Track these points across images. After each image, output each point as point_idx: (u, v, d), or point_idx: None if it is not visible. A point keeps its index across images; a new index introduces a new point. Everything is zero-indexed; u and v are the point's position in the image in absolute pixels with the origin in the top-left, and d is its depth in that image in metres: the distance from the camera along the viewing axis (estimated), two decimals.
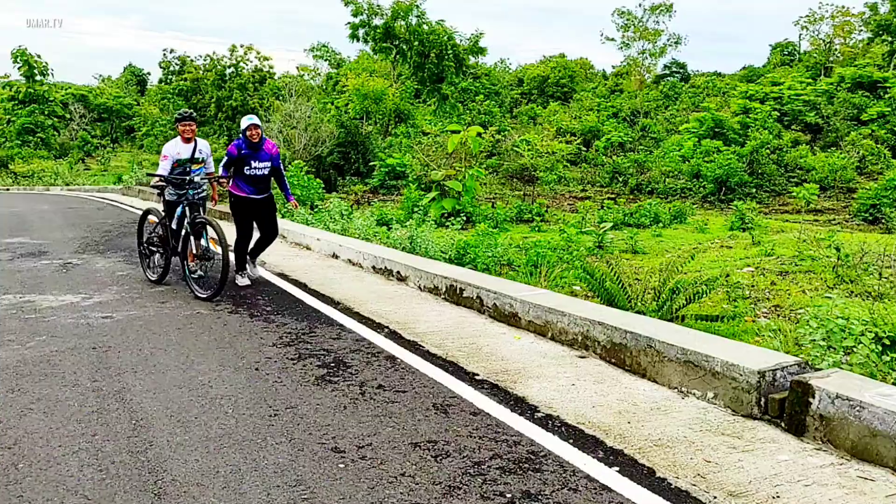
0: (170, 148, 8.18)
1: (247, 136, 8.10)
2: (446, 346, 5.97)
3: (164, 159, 8.10)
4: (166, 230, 8.26)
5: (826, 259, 10.02)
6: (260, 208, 8.52)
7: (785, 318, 7.48)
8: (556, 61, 77.85)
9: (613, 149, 32.98)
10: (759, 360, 4.64)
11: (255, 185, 8.35)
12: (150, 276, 8.77)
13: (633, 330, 5.41)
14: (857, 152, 23.66)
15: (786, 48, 74.36)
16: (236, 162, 8.19)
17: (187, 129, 8.12)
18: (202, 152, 8.34)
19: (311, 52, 69.64)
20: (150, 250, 8.82)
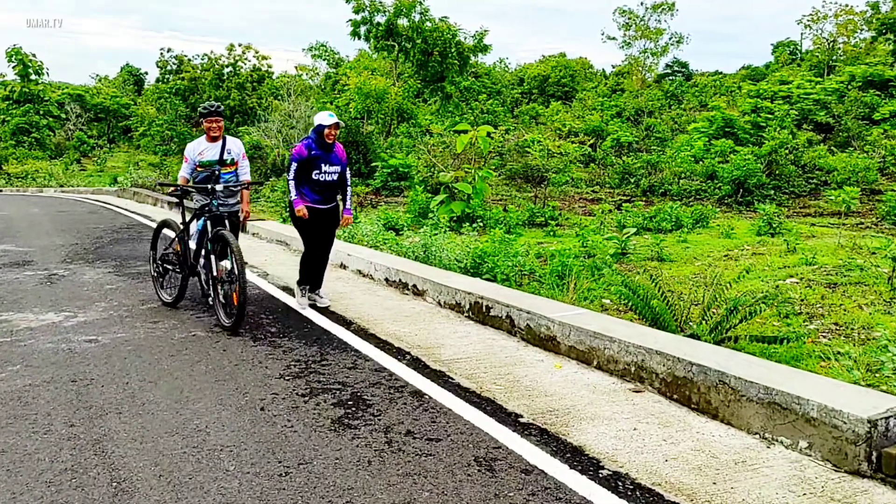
0: (192, 148, 7.10)
1: (321, 135, 6.88)
2: (479, 378, 5.20)
3: (184, 162, 7.17)
4: (184, 246, 7.17)
5: (875, 269, 9.26)
6: (323, 221, 7.19)
7: (849, 338, 6.72)
8: (557, 60, 77.19)
9: (620, 149, 32.21)
10: (865, 404, 3.87)
11: (323, 192, 7.08)
12: (163, 298, 7.54)
13: (700, 362, 4.64)
14: (878, 152, 22.91)
15: (787, 47, 73.67)
16: (304, 165, 6.96)
17: (213, 126, 6.98)
18: (232, 153, 7.17)
19: (310, 52, 68.65)
20: (164, 269, 7.60)
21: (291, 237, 11.76)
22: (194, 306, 7.45)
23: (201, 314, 7.11)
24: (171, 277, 7.66)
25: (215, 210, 6.79)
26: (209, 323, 6.73)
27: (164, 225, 7.78)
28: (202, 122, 7.01)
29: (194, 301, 7.69)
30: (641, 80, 69.58)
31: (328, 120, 6.88)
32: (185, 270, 7.16)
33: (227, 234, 6.48)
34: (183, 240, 7.16)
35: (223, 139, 7.10)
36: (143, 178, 28.65)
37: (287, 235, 12.01)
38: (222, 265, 6.51)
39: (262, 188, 24.78)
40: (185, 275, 7.20)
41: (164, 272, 7.64)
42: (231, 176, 7.18)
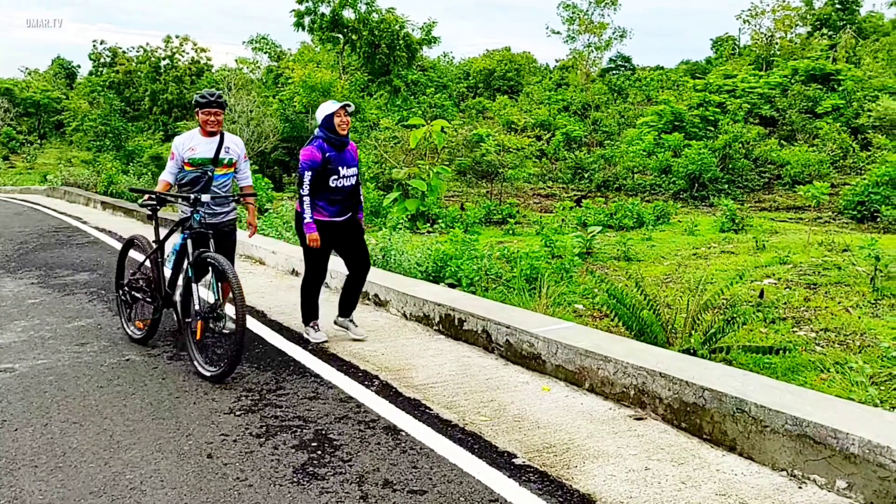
0: (181, 142, 5.73)
1: (332, 129, 5.54)
2: (460, 407, 4.57)
3: (171, 159, 5.76)
4: (158, 270, 5.76)
5: (853, 267, 8.96)
6: (342, 235, 5.86)
7: (843, 346, 6.31)
8: (502, 55, 77.02)
9: (569, 143, 31.97)
10: None
11: (340, 202, 5.73)
12: (131, 333, 6.04)
13: (713, 387, 4.11)
14: (826, 145, 23.05)
15: (727, 42, 74.87)
16: (320, 172, 5.57)
17: (211, 119, 5.63)
18: (231, 152, 5.82)
19: (250, 45, 66.89)
20: (132, 296, 6.06)
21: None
22: None
23: None
24: (141, 308, 6.18)
25: (197, 225, 5.35)
26: (146, 347, 5.94)
27: (132, 243, 6.25)
28: (197, 112, 5.72)
29: None
30: (586, 74, 69.88)
31: (334, 106, 5.58)
32: (159, 301, 5.71)
33: (215, 259, 5.06)
34: (157, 262, 5.78)
35: (221, 135, 5.77)
36: (75, 175, 27.15)
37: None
38: (205, 297, 5.32)
39: None
40: (159, 306, 5.72)
41: (133, 301, 6.08)
42: (226, 179, 5.85)
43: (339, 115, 5.57)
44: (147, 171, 28.95)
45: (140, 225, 15.27)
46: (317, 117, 5.68)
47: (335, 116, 5.56)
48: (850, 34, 59.21)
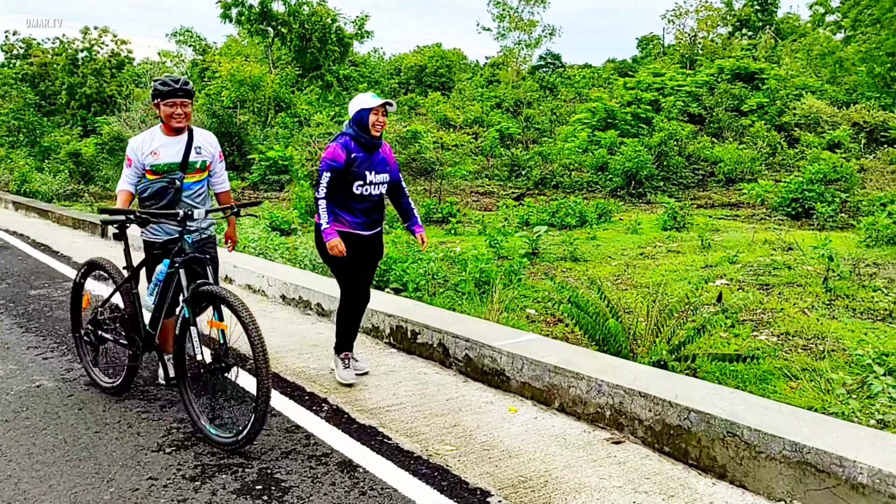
0: (137, 146, 4.48)
1: (365, 128, 4.64)
2: (421, 434, 4.12)
3: (127, 166, 4.53)
4: (134, 304, 4.53)
5: (803, 267, 8.87)
6: (367, 251, 4.90)
7: (807, 350, 6.12)
8: (433, 51, 76.76)
9: (503, 139, 31.81)
10: None
11: (367, 212, 4.81)
12: (100, 381, 4.78)
13: (699, 408, 3.77)
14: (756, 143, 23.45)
15: (651, 41, 76.38)
16: (341, 175, 4.66)
17: (177, 113, 4.42)
18: (203, 152, 4.63)
19: (174, 37, 64.65)
20: (98, 336, 4.81)
21: None
22: (41, 343, 5.95)
23: (49, 353, 5.63)
24: (112, 351, 5.16)
25: (190, 250, 4.20)
26: (62, 365, 5.28)
27: (92, 269, 4.97)
28: (158, 104, 4.43)
29: (42, 335, 6.18)
30: (517, 71, 70.24)
31: (373, 101, 4.64)
32: (137, 342, 4.51)
33: (219, 293, 3.96)
34: (130, 294, 4.55)
35: (189, 131, 4.56)
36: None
37: None
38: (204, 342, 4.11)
39: None
40: (138, 350, 4.51)
41: (100, 342, 4.85)
42: (200, 187, 4.64)
43: (377, 112, 4.62)
44: (64, 167, 27.44)
45: (62, 231, 14.27)
46: (349, 110, 4.73)
47: (371, 114, 4.60)
48: (770, 35, 61.09)
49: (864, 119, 25.59)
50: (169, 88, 4.39)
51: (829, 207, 14.27)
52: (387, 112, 4.70)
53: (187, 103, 4.47)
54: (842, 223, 14.20)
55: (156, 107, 4.49)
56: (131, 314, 4.53)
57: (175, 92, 4.40)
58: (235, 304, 3.80)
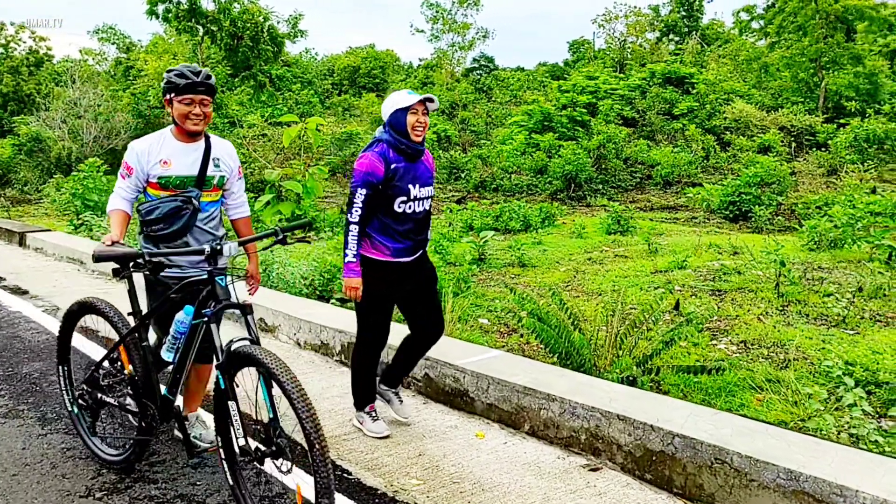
0: (143, 150, 3.50)
1: (404, 131, 3.82)
2: (385, 467, 3.77)
3: (124, 176, 3.54)
4: (145, 360, 3.51)
5: (752, 272, 8.85)
6: (410, 279, 4.05)
7: (768, 359, 6.01)
8: (367, 52, 76.22)
9: (440, 142, 31.60)
10: None
11: (410, 234, 3.97)
12: (102, 454, 3.75)
13: (684, 432, 3.54)
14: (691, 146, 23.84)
15: (582, 45, 77.56)
16: (380, 191, 3.85)
17: (194, 112, 3.47)
18: (222, 165, 3.69)
19: (96, 35, 62.24)
20: (97, 399, 3.78)
21: (84, 252, 9.52)
22: None
23: None
24: (113, 417, 4.17)
25: (224, 296, 3.21)
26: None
27: (82, 314, 3.90)
28: (171, 100, 3.46)
29: None
30: (450, 73, 70.30)
31: (410, 98, 3.81)
32: (151, 411, 3.47)
33: (260, 356, 2.91)
34: (140, 347, 3.52)
35: (206, 139, 3.64)
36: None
37: (85, 253, 9.75)
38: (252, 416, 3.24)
39: (45, 186, 21.35)
40: (152, 420, 3.48)
41: (99, 405, 3.80)
42: (214, 209, 3.70)
43: (416, 111, 3.81)
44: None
45: None
46: (383, 112, 3.92)
47: (409, 113, 3.79)
48: (696, 40, 62.74)
49: (792, 123, 26.35)
50: (187, 81, 3.41)
51: (766, 210, 14.47)
52: (427, 110, 3.88)
53: (208, 101, 3.50)
54: (779, 226, 14.43)
55: (167, 104, 3.51)
56: (143, 375, 3.50)
57: (194, 86, 3.43)
58: (280, 373, 2.81)
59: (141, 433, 3.55)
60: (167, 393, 3.42)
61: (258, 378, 2.96)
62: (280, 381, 2.80)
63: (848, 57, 34.23)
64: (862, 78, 32.91)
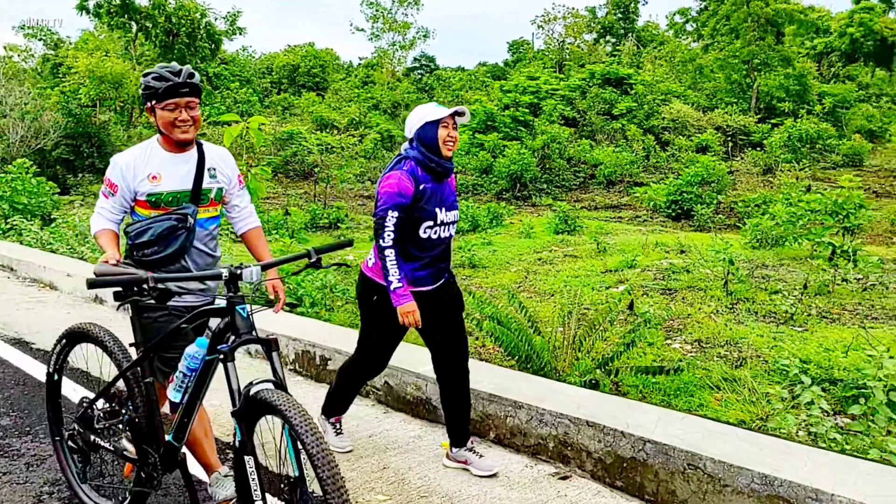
0: (127, 165, 3.10)
1: (434, 147, 3.45)
2: (348, 482, 3.60)
3: (107, 195, 3.14)
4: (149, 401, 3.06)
5: (700, 270, 8.96)
6: (433, 310, 3.66)
7: (723, 358, 6.05)
8: (306, 51, 75.36)
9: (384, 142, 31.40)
10: None
11: (435, 262, 3.64)
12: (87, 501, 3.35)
13: (655, 438, 3.48)
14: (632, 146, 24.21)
15: (522, 46, 78.27)
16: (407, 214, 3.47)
17: (181, 118, 3.05)
18: (219, 175, 3.27)
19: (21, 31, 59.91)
20: (90, 442, 3.29)
21: (18, 259, 9.04)
22: None
23: None
24: (106, 461, 3.59)
25: (245, 329, 2.71)
26: None
27: (75, 342, 3.39)
28: (153, 108, 3.05)
29: None
30: (391, 72, 70.08)
31: (440, 111, 3.48)
32: (150, 459, 3.04)
33: (283, 405, 2.46)
34: (141, 384, 3.06)
35: (198, 146, 3.21)
36: None
37: (15, 259, 9.25)
38: None
39: None
40: (153, 469, 3.03)
41: (92, 449, 3.31)
42: (214, 225, 3.30)
43: (447, 125, 3.46)
44: None
45: None
46: (408, 126, 3.55)
47: (440, 127, 3.44)
48: (632, 42, 63.97)
49: (727, 123, 27.01)
50: (168, 84, 2.97)
51: (707, 209, 14.75)
52: (457, 124, 3.52)
53: (195, 103, 3.07)
54: (720, 224, 14.72)
55: (149, 112, 3.08)
56: (147, 416, 3.03)
57: (176, 89, 2.99)
58: (303, 430, 2.37)
59: (139, 484, 3.07)
60: (172, 439, 2.92)
61: (282, 428, 2.52)
62: (303, 441, 2.37)
63: (778, 59, 35.33)
64: (791, 79, 34.02)
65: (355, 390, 3.95)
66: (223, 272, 2.68)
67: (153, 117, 3.07)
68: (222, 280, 2.70)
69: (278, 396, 2.49)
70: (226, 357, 2.67)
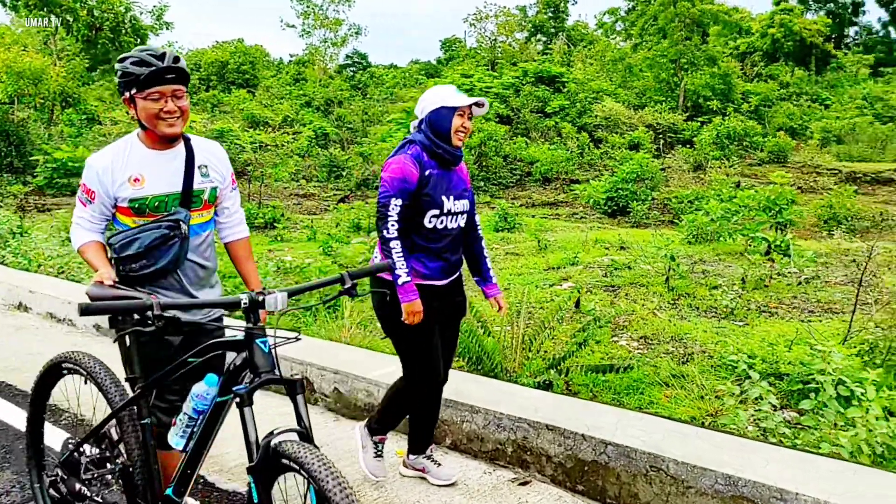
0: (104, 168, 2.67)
1: (444, 135, 3.23)
2: None
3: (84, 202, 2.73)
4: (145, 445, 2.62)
5: (641, 266, 9.05)
6: (444, 304, 3.46)
7: (669, 354, 6.09)
8: (235, 47, 73.78)
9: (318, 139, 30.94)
10: (872, 489, 2.94)
11: (443, 254, 3.37)
12: None
13: (616, 440, 3.44)
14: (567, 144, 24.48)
15: (454, 44, 78.50)
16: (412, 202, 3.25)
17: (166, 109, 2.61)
18: (212, 172, 2.86)
19: None
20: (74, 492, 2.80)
21: None
22: None
23: None
24: None
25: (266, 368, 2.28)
26: None
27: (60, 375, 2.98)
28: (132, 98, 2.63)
29: None
30: (323, 69, 69.27)
31: (459, 98, 3.22)
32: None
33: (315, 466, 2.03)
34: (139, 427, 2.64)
35: (186, 141, 2.81)
36: None
37: None
38: None
39: None
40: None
41: (77, 499, 2.82)
42: (207, 232, 2.90)
43: (463, 114, 3.22)
44: None
45: None
46: (421, 106, 3.30)
47: (455, 115, 3.20)
48: (563, 41, 64.86)
49: (657, 121, 27.58)
50: (151, 69, 2.55)
51: (643, 205, 14.98)
52: (472, 115, 3.29)
53: (182, 92, 2.64)
54: (655, 220, 14.96)
55: (127, 103, 2.67)
56: (142, 465, 2.62)
57: (161, 75, 2.56)
58: (333, 492, 1.98)
59: None
60: (172, 493, 2.51)
61: (306, 487, 2.11)
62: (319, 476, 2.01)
63: (704, 58, 36.28)
64: (717, 78, 34.98)
65: (411, 410, 3.57)
66: (243, 299, 2.25)
67: (132, 109, 2.64)
68: (244, 303, 2.25)
69: (304, 451, 2.08)
70: (242, 400, 2.23)
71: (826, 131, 26.52)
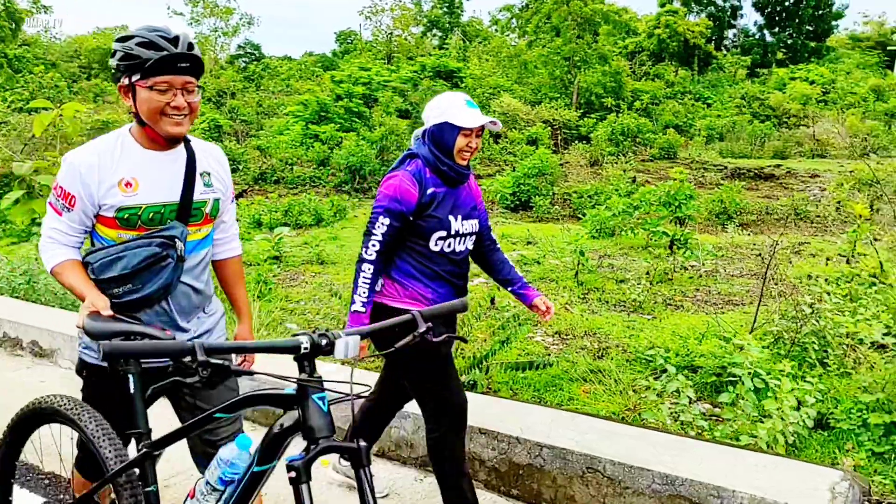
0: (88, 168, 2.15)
1: (449, 151, 2.87)
2: None
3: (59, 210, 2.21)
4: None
5: (550, 261, 9.13)
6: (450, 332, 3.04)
7: (584, 349, 6.14)
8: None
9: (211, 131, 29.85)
10: (807, 483, 3.00)
11: (449, 278, 3.01)
12: None
13: (551, 443, 3.39)
14: None
15: (350, 37, 77.68)
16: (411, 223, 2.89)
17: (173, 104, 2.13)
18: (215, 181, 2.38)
19: None
20: None
21: None
22: None
23: None
24: None
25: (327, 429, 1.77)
26: None
27: (36, 424, 2.38)
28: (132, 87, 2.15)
29: None
30: (214, 59, 67.04)
31: (469, 116, 2.84)
32: None
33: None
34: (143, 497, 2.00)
35: (187, 144, 2.33)
36: None
37: None
38: None
39: None
40: None
41: None
42: (205, 250, 2.42)
43: (469, 135, 2.86)
44: None
45: None
46: (426, 116, 2.96)
47: (461, 134, 2.85)
48: (459, 36, 65.26)
49: (553, 117, 28.13)
50: (161, 54, 2.09)
51: (545, 200, 15.20)
52: (481, 132, 2.95)
53: (193, 85, 2.19)
54: (556, 214, 15.21)
55: (123, 92, 2.21)
56: None
57: (173, 62, 2.11)
58: None
59: None
60: None
61: None
62: None
63: (596, 57, 37.29)
64: (608, 76, 36.03)
65: (461, 459, 3.09)
66: (303, 342, 1.74)
67: (129, 99, 2.18)
68: (299, 353, 1.73)
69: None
70: (298, 475, 1.71)
71: (710, 129, 27.76)
